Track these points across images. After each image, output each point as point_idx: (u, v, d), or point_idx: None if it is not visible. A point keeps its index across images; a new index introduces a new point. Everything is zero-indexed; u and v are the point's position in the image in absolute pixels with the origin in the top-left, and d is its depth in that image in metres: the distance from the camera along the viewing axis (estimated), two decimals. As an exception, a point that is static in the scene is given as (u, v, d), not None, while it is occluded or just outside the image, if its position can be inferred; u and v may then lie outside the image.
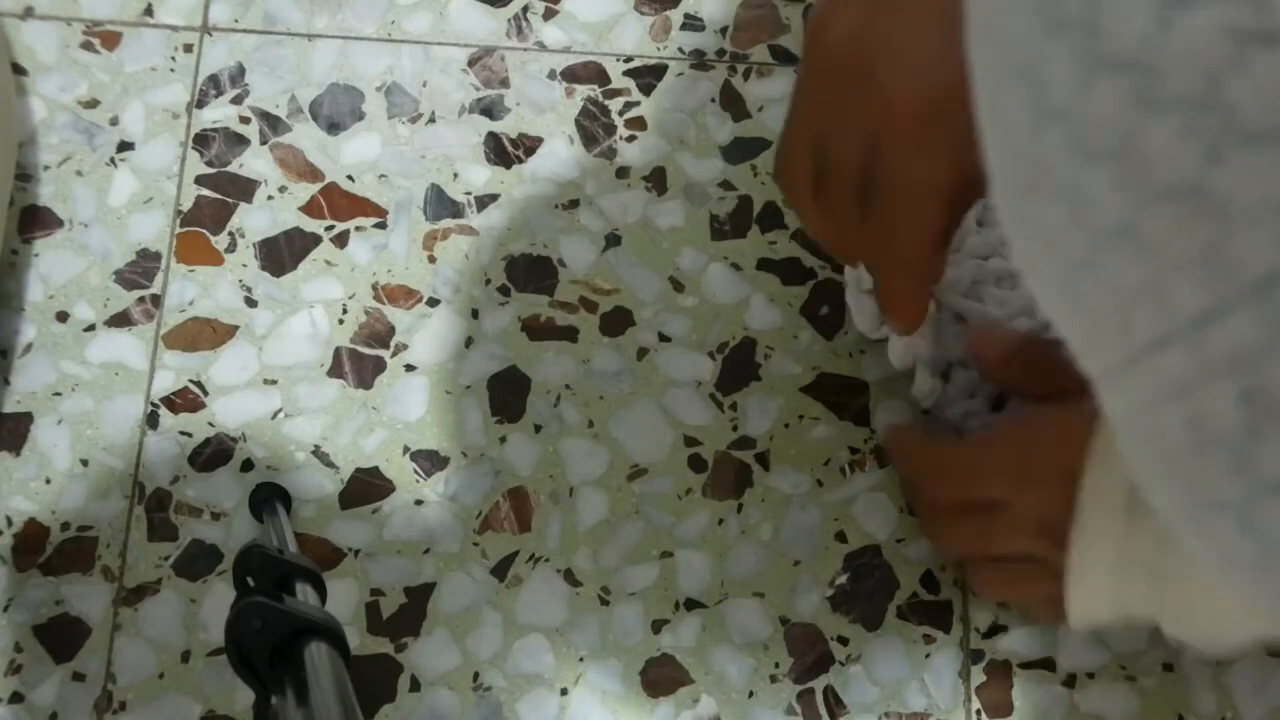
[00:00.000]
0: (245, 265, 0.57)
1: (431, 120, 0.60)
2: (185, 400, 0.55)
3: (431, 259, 0.58)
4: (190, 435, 0.55)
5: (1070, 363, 0.33)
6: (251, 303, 0.57)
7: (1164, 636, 0.48)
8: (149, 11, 0.61)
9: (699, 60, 0.61)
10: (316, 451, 0.55)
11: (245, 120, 0.59)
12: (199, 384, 0.55)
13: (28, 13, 0.61)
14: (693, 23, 0.62)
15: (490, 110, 0.60)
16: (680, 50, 0.62)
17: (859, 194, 0.45)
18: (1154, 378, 0.26)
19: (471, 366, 0.56)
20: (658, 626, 0.53)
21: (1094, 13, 0.23)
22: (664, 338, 0.57)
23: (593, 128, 0.60)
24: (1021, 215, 0.27)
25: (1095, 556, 0.45)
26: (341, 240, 0.58)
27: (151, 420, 0.55)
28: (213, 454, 0.54)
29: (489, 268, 0.58)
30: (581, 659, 0.53)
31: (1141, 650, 0.54)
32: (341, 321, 0.57)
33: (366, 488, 0.54)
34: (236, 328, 0.56)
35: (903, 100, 0.42)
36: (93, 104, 0.59)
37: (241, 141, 0.59)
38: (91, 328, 0.56)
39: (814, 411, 0.56)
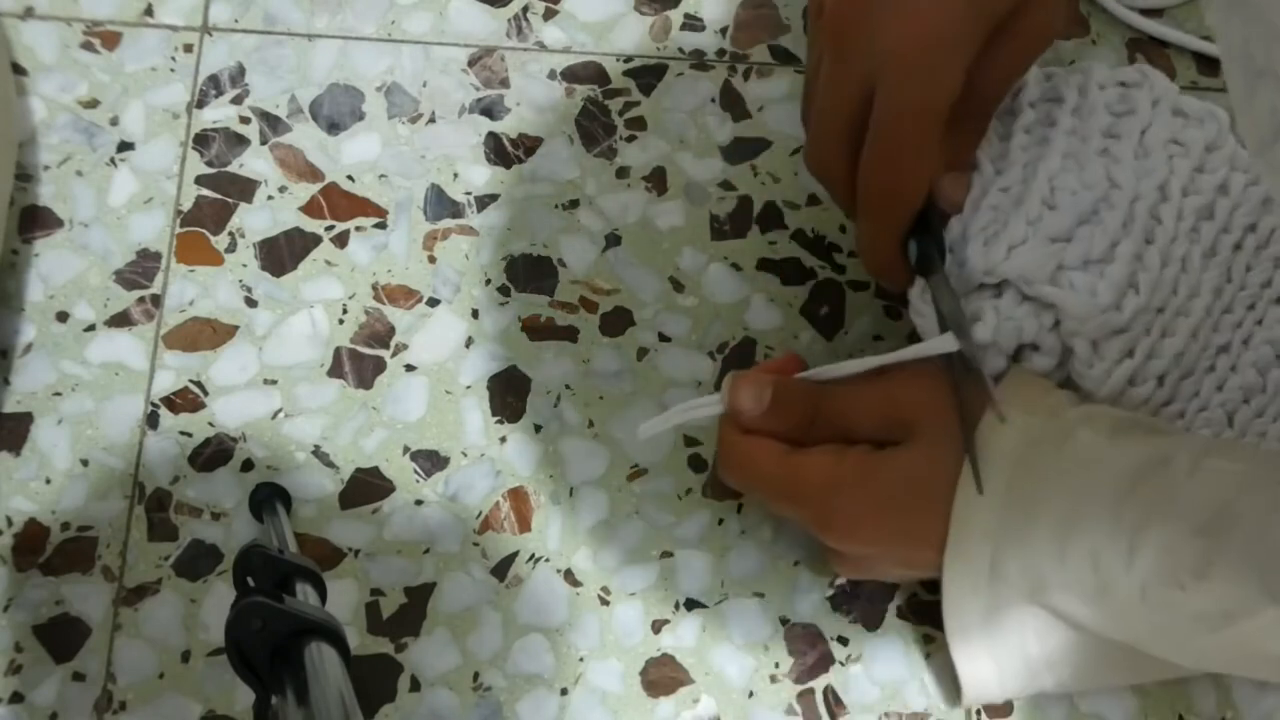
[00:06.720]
0: (245, 265, 0.57)
1: (431, 120, 0.60)
2: (185, 400, 0.55)
3: (431, 259, 0.58)
4: (190, 435, 0.55)
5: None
6: (251, 303, 0.57)
7: None
8: (149, 11, 0.61)
9: (699, 60, 0.61)
10: (316, 451, 0.55)
11: (245, 120, 0.59)
12: (199, 384, 0.55)
13: (28, 13, 0.61)
14: (693, 23, 0.62)
15: (490, 110, 0.60)
16: (680, 50, 0.62)
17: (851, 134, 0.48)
18: None
19: (471, 366, 0.56)
20: (658, 626, 0.53)
21: None
22: (664, 338, 0.57)
23: (593, 128, 0.60)
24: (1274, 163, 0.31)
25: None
26: (341, 240, 0.58)
27: (151, 420, 0.55)
28: (213, 454, 0.54)
29: (489, 268, 0.58)
30: (581, 659, 0.53)
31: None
32: (341, 321, 0.57)
33: (366, 488, 0.54)
34: (236, 328, 0.56)
35: (900, 36, 0.46)
36: (93, 104, 0.59)
37: (241, 141, 0.59)
38: (91, 328, 0.56)
39: (814, 411, 0.56)
